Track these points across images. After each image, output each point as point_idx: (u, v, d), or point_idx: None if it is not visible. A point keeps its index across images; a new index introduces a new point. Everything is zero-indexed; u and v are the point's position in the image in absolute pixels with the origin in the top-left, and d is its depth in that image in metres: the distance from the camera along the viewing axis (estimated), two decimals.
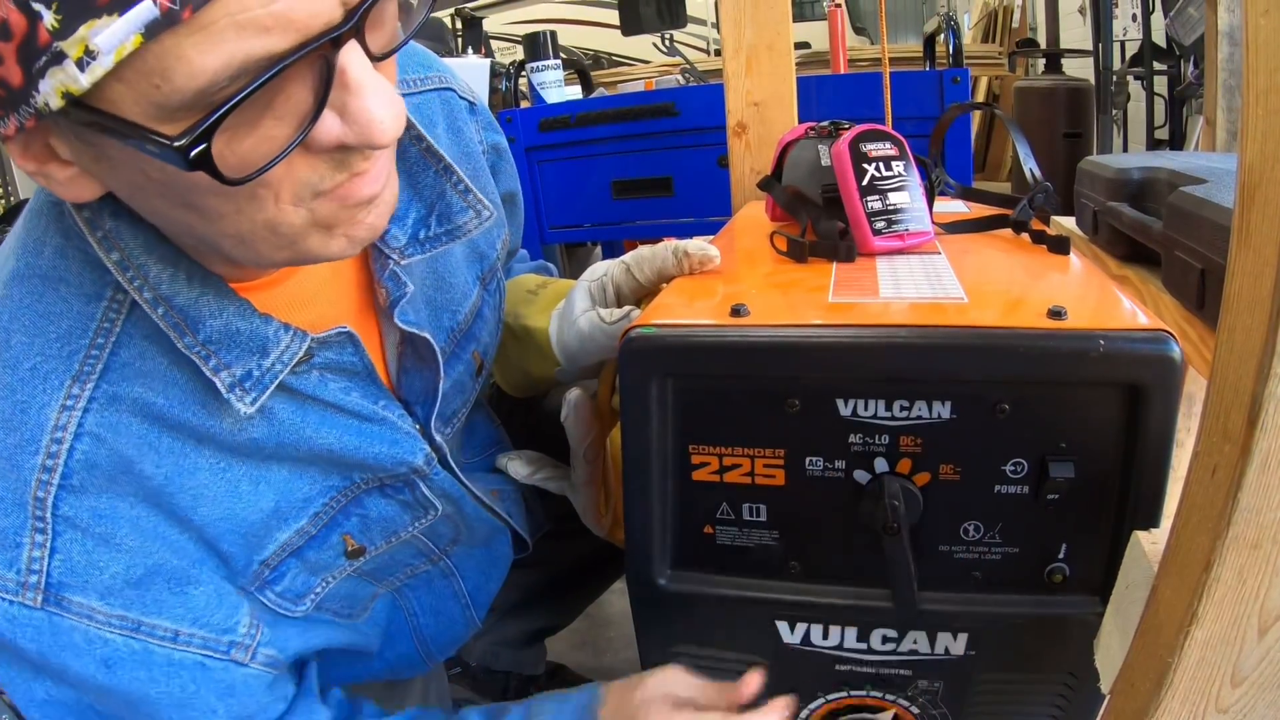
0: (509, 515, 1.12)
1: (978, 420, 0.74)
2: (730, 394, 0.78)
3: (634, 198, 2.40)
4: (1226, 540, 0.55)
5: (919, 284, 0.85)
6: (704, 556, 0.86)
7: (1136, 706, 0.65)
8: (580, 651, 1.83)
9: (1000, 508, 0.78)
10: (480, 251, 0.99)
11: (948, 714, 0.92)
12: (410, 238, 0.86)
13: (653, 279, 0.96)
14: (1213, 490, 0.56)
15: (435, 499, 0.95)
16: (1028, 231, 1.04)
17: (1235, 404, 0.53)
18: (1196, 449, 0.58)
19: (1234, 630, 0.58)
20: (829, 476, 0.79)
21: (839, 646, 0.88)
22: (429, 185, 0.86)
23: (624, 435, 0.81)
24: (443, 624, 1.17)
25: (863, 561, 0.82)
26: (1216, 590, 0.56)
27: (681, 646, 0.95)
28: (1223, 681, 0.61)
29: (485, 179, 0.98)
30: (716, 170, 2.19)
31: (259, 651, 0.81)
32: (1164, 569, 0.63)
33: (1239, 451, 0.53)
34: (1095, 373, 0.71)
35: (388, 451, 0.86)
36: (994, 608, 0.82)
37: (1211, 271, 1.03)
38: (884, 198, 0.97)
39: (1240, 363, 0.53)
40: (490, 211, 0.91)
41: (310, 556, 0.87)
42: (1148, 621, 0.65)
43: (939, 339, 0.72)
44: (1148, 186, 1.33)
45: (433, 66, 0.95)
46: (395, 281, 0.85)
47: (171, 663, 0.75)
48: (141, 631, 0.73)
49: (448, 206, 0.88)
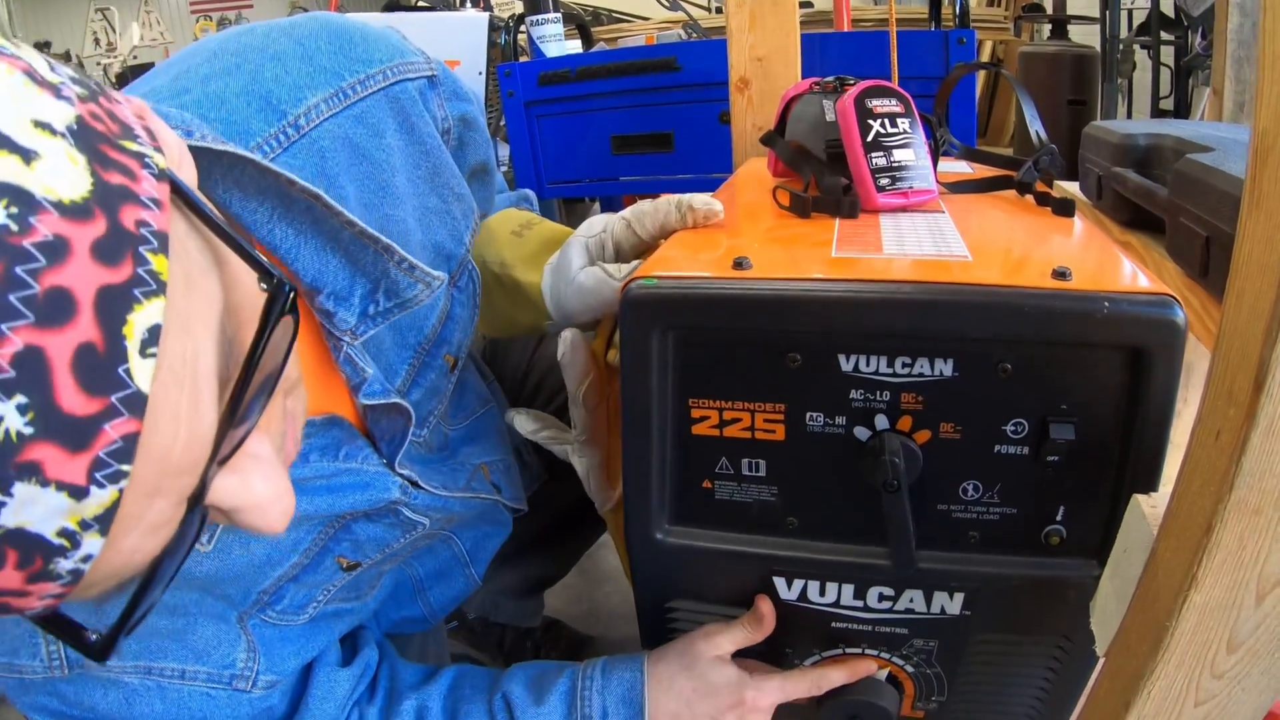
0: (500, 487, 1.12)
1: (980, 379, 0.74)
2: (731, 347, 0.78)
3: (634, 153, 2.37)
4: (1228, 504, 0.54)
5: (923, 241, 0.84)
6: (702, 511, 0.86)
7: (1132, 669, 0.65)
8: (576, 606, 1.84)
9: (1000, 468, 0.77)
10: (447, 253, 0.93)
11: (942, 673, 0.93)
12: (360, 315, 0.83)
13: (654, 234, 0.94)
14: (1216, 454, 0.56)
15: (420, 517, 0.95)
16: (1032, 193, 1.04)
17: (1241, 368, 0.53)
18: (1200, 412, 0.58)
19: (1232, 596, 0.58)
20: (829, 432, 0.79)
21: (835, 604, 0.88)
22: (369, 263, 0.81)
23: (623, 388, 0.81)
24: (446, 585, 1.18)
25: (861, 519, 0.82)
26: (1216, 555, 0.56)
27: (678, 601, 0.95)
28: (1219, 647, 0.61)
29: (446, 173, 0.91)
30: (718, 126, 2.17)
31: (259, 679, 0.85)
32: (1164, 532, 0.63)
33: (1244, 416, 0.52)
34: (1099, 335, 0.70)
35: (362, 497, 0.86)
36: (991, 568, 0.82)
37: (1217, 239, 1.03)
38: (889, 154, 0.96)
39: (1248, 327, 0.53)
40: (441, 280, 0.88)
41: (307, 579, 0.87)
42: (1145, 585, 0.65)
43: (943, 295, 0.72)
44: (1154, 153, 1.33)
45: (374, 60, 0.84)
46: (352, 367, 0.83)
47: (182, 694, 0.81)
48: (153, 674, 0.79)
49: (394, 284, 0.84)
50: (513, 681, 0.97)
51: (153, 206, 0.42)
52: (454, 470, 1.03)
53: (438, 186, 0.89)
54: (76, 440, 0.38)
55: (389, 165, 0.83)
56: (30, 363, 0.36)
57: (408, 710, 0.95)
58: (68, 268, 0.37)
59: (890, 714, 0.93)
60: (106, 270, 0.39)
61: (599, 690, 0.94)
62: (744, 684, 0.93)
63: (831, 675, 0.93)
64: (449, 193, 0.91)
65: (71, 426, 0.38)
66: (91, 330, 0.38)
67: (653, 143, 2.34)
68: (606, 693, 0.94)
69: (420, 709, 0.96)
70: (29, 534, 0.39)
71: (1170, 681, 0.63)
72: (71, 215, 0.38)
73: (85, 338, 0.38)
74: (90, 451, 0.39)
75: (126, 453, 0.40)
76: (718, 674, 0.93)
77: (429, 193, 0.89)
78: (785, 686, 0.93)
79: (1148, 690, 0.64)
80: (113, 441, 0.40)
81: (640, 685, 0.94)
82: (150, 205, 0.42)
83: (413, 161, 0.86)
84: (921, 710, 0.99)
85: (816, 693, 0.94)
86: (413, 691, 0.97)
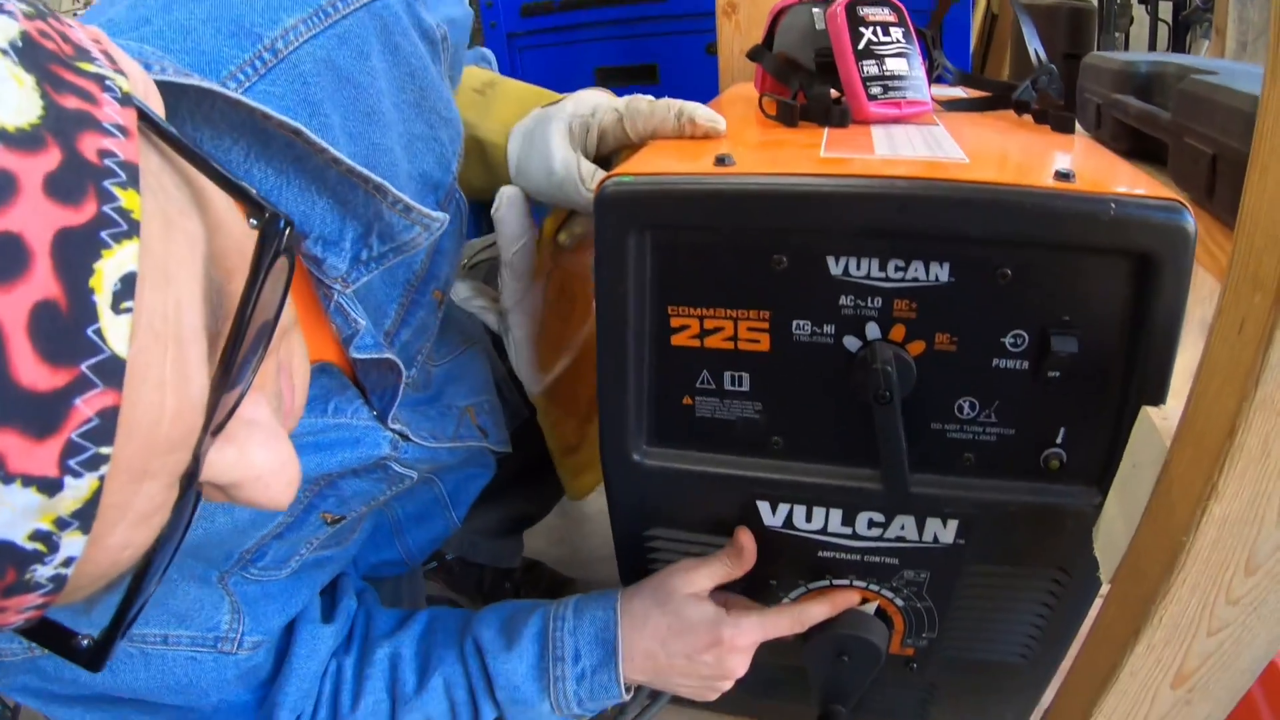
0: (487, 430, 1.08)
1: (977, 285, 0.70)
2: (713, 250, 0.73)
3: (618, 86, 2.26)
4: (1254, 402, 0.50)
5: (916, 147, 0.80)
6: (683, 430, 0.82)
7: (1143, 593, 0.62)
8: (556, 548, 1.81)
9: (997, 384, 0.74)
10: (434, 182, 0.87)
11: (933, 608, 0.90)
12: (351, 261, 0.77)
13: (645, 136, 0.90)
14: (1239, 348, 0.51)
15: (408, 470, 0.91)
16: (1030, 113, 0.99)
17: (1268, 248, 0.49)
18: (1221, 304, 0.54)
19: (1253, 510, 0.54)
20: (817, 342, 0.74)
21: (823, 530, 0.85)
22: (360, 205, 0.75)
23: (598, 296, 0.76)
24: (425, 528, 1.15)
25: (850, 439, 0.78)
26: (1239, 460, 0.52)
27: (658, 529, 0.92)
28: (1237, 568, 0.57)
29: (434, 97, 0.84)
30: (704, 58, 2.14)
31: (244, 640, 0.81)
32: (1179, 440, 0.59)
33: (1271, 300, 0.48)
34: (1104, 239, 0.66)
35: (352, 454, 0.82)
36: (986, 493, 0.79)
37: (1223, 156, 1.00)
38: (881, 63, 0.91)
39: (1273, 203, 0.49)
40: (442, 221, 0.81)
41: (290, 536, 0.83)
42: (1159, 500, 0.61)
43: (939, 191, 0.67)
44: (1155, 80, 1.30)
45: None
46: (344, 318, 0.77)
47: (166, 660, 0.77)
48: (134, 641, 0.75)
49: (388, 226, 0.77)
50: (483, 625, 0.94)
51: (117, 134, 0.36)
52: (441, 416, 0.98)
53: (424, 111, 0.83)
54: (42, 422, 0.33)
55: (374, 89, 0.76)
56: None
57: (381, 659, 0.93)
58: (15, 208, 0.31)
59: (879, 650, 0.90)
60: (64, 209, 0.33)
61: (571, 631, 0.92)
62: (721, 621, 0.90)
63: (814, 610, 0.90)
64: (436, 117, 0.85)
65: (34, 406, 0.32)
66: (50, 283, 0.32)
67: (637, 75, 2.29)
68: (579, 633, 0.92)
69: (393, 656, 0.94)
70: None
71: (1184, 606, 0.60)
72: (18, 146, 0.32)
73: (43, 294, 0.32)
74: (60, 435, 0.33)
75: (105, 432, 0.35)
76: (694, 611, 0.90)
77: (415, 118, 0.83)
78: (765, 624, 0.90)
79: (1159, 615, 0.61)
80: (86, 420, 0.34)
81: (613, 625, 0.91)
82: (115, 132, 0.36)
83: (398, 85, 0.80)
84: (911, 647, 0.96)
85: (799, 629, 0.91)
86: (386, 640, 0.95)
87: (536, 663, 0.91)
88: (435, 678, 0.92)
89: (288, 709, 0.86)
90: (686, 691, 0.94)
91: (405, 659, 0.93)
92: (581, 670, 0.91)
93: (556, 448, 1.13)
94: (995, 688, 1.00)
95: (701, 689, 0.93)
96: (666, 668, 0.91)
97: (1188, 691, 0.65)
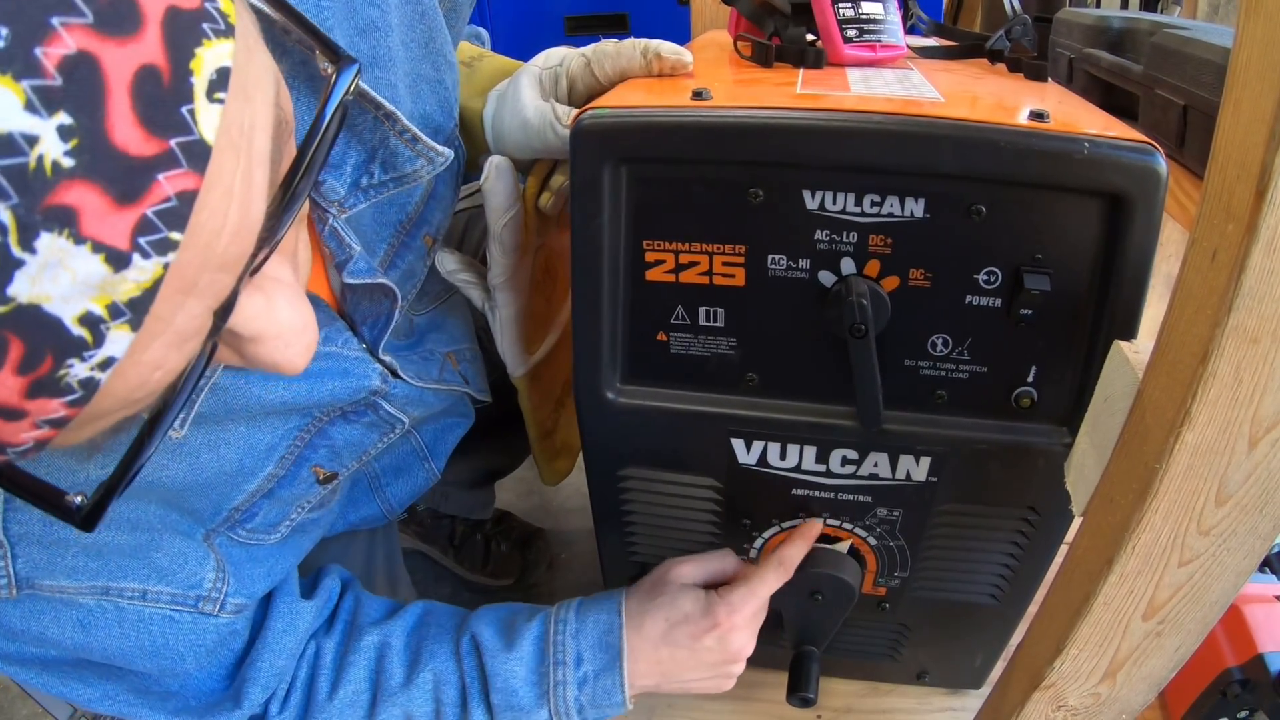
0: (468, 378, 1.07)
1: (952, 222, 0.70)
2: (689, 183, 0.73)
3: (587, 34, 2.28)
4: (1226, 329, 0.51)
5: (892, 87, 0.79)
6: (657, 367, 0.82)
7: (1115, 521, 0.62)
8: (527, 499, 1.81)
9: (970, 320, 0.74)
10: (435, 125, 0.86)
11: (905, 546, 0.90)
12: (350, 186, 0.76)
13: (613, 78, 0.88)
14: (1213, 275, 0.52)
15: (399, 412, 0.90)
16: (1004, 61, 0.99)
17: (1240, 178, 0.49)
18: (1194, 236, 0.54)
19: (1224, 438, 0.55)
20: (792, 277, 0.74)
21: (797, 468, 0.85)
22: (368, 129, 0.74)
23: (573, 231, 0.76)
24: (405, 481, 1.14)
25: (825, 375, 0.78)
26: (1211, 388, 0.53)
27: (631, 469, 0.92)
28: (1208, 498, 0.58)
29: (440, 39, 0.84)
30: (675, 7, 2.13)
31: (227, 601, 0.79)
32: (1152, 369, 0.59)
33: (1244, 229, 0.49)
34: (1078, 178, 0.66)
35: (341, 385, 0.80)
36: (958, 430, 0.79)
37: (1194, 107, 1.02)
38: (856, 6, 0.91)
39: (1246, 134, 0.49)
40: (446, 156, 0.80)
41: (282, 494, 0.82)
42: (1131, 429, 0.62)
43: (915, 127, 0.67)
44: (1128, 35, 1.31)
45: None
46: (337, 242, 0.76)
47: (142, 618, 0.74)
48: (110, 594, 0.72)
49: (392, 155, 0.77)
50: (482, 623, 0.93)
51: None
52: (425, 360, 0.98)
53: (431, 53, 0.82)
54: (126, 186, 0.32)
55: (384, 23, 0.75)
56: (83, 72, 0.30)
57: (368, 646, 0.91)
58: None
59: (853, 588, 0.91)
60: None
61: (573, 634, 0.91)
62: (714, 603, 0.90)
63: (789, 553, 0.90)
64: (442, 60, 0.84)
65: (122, 167, 0.32)
66: (157, 51, 0.32)
67: (607, 23, 2.26)
68: (581, 636, 0.91)
69: (382, 645, 0.91)
70: (45, 315, 0.32)
71: (1156, 534, 0.60)
72: None
73: (149, 58, 0.32)
74: (139, 206, 0.32)
75: (179, 217, 0.34)
76: (687, 600, 0.91)
77: (422, 59, 0.82)
78: (754, 589, 0.91)
79: (1132, 544, 0.61)
80: (166, 199, 0.33)
81: (618, 628, 0.91)
82: None
83: (408, 23, 0.79)
84: (883, 587, 0.97)
85: (786, 576, 0.91)
86: (375, 627, 0.92)
87: (536, 666, 0.89)
88: (425, 673, 0.89)
89: (259, 685, 0.83)
90: (699, 686, 0.93)
91: (394, 649, 0.91)
92: (584, 675, 0.90)
93: (535, 433, 1.12)
94: (965, 629, 1.02)
95: (714, 679, 0.93)
96: (672, 665, 0.91)
97: (1159, 624, 0.66)
